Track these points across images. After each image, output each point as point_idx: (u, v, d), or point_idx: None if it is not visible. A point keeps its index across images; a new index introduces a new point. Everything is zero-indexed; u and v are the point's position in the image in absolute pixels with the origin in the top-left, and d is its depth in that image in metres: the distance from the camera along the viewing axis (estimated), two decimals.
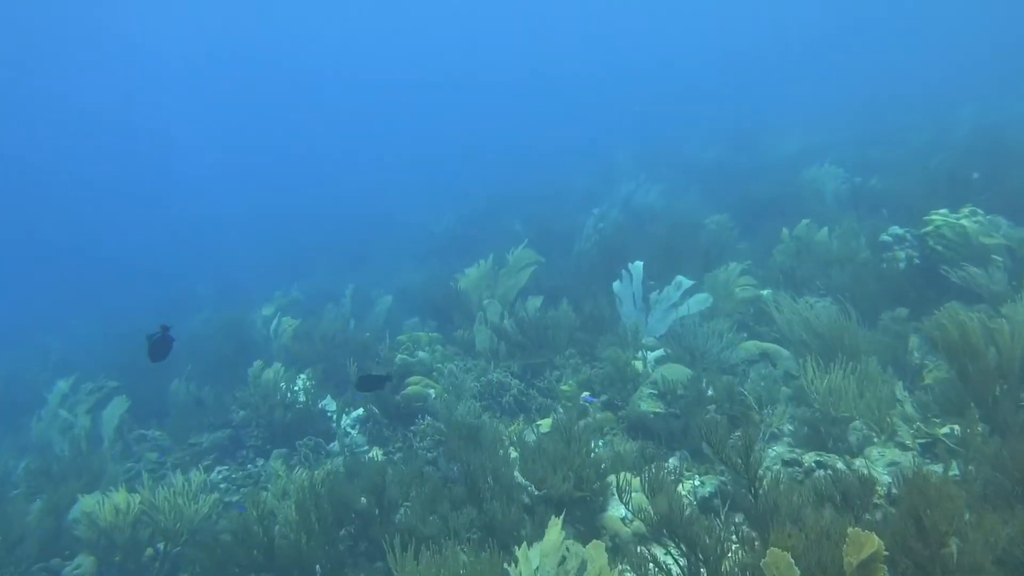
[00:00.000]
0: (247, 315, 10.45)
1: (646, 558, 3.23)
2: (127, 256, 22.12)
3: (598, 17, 47.77)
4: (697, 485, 4.30)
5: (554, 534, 3.24)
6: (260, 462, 6.30)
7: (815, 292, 7.11)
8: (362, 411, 6.63)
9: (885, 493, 3.56)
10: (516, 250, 8.11)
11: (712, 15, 45.32)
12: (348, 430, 6.49)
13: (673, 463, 4.64)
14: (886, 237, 7.20)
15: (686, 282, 6.70)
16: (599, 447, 5.00)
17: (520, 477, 4.45)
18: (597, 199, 14.26)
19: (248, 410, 6.76)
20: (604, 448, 4.97)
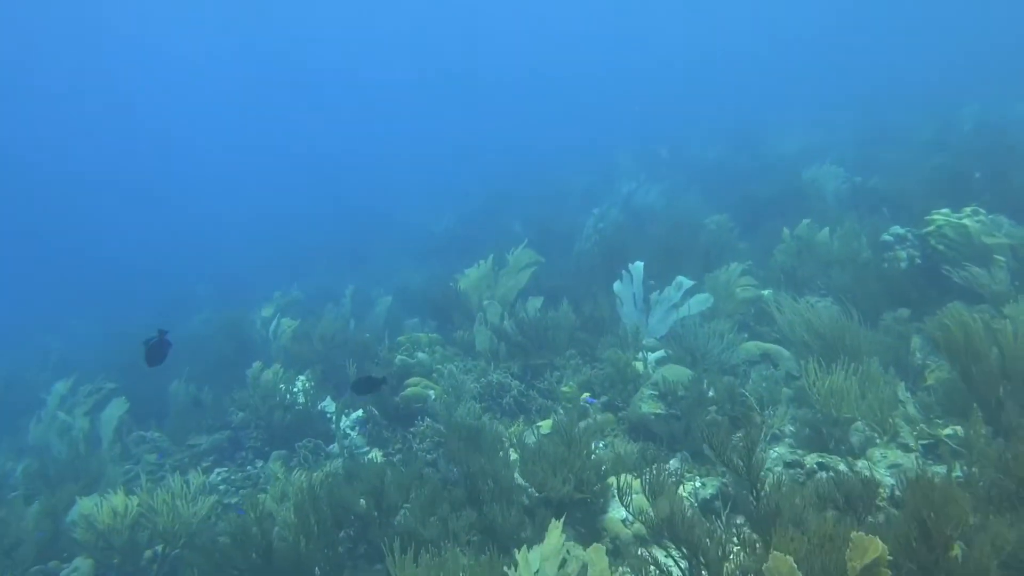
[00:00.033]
0: (247, 315, 10.42)
1: (647, 560, 3.21)
2: (127, 256, 22.09)
3: (598, 17, 47.75)
4: (698, 487, 4.28)
5: (554, 537, 3.22)
6: (259, 464, 6.27)
7: (816, 292, 7.08)
8: (361, 412, 6.61)
9: (888, 495, 3.53)
10: (516, 250, 8.09)
11: (712, 15, 45.28)
12: (347, 431, 6.46)
13: (674, 465, 4.61)
14: (887, 237, 7.17)
15: (687, 282, 6.67)
16: (600, 449, 4.97)
17: (520, 479, 4.42)
18: (597, 199, 14.25)
19: (247, 411, 6.74)
20: (605, 450, 4.95)
